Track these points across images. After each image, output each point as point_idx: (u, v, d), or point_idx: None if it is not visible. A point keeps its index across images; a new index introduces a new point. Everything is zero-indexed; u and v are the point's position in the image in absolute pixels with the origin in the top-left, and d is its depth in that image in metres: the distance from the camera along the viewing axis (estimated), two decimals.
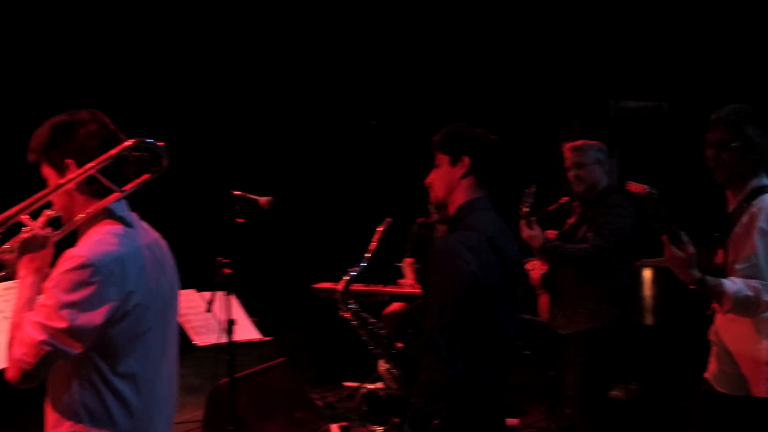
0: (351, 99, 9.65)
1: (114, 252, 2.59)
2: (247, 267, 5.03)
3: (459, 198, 3.16)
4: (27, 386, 2.57)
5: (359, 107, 9.81)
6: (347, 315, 3.59)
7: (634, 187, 4.14)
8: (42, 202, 2.66)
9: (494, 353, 3.06)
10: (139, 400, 2.68)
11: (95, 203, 2.69)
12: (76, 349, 2.54)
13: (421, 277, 3.23)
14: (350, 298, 3.60)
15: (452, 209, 3.18)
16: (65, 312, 2.51)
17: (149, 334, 2.69)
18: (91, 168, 2.63)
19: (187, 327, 4.89)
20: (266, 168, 9.04)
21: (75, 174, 2.64)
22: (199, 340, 4.96)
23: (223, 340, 4.83)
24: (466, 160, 3.16)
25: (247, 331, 5.17)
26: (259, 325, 5.27)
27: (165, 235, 2.91)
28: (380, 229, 3.71)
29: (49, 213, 2.80)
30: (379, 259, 3.78)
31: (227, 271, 4.65)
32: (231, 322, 4.70)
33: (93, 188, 2.68)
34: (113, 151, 2.63)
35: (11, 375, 2.55)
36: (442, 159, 3.22)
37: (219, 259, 4.66)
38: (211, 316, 5.01)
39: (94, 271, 2.52)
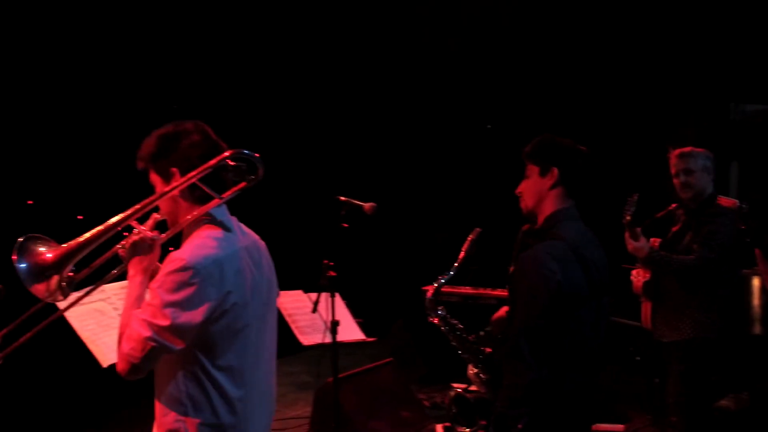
0: (465, 102, 9.72)
1: (212, 255, 2.78)
2: (356, 270, 5.20)
3: (547, 208, 3.25)
4: (134, 378, 2.78)
5: (474, 110, 9.88)
6: (436, 321, 3.71)
7: (725, 201, 4.10)
8: (149, 208, 2.87)
9: (579, 359, 3.12)
10: (238, 392, 2.86)
11: (197, 209, 2.89)
12: (177, 345, 2.74)
13: (509, 284, 3.31)
14: (439, 305, 3.72)
15: (541, 219, 3.26)
16: (168, 311, 2.71)
17: (246, 330, 2.87)
18: (193, 177, 2.84)
19: (294, 327, 5.11)
20: (382, 171, 9.21)
21: (179, 182, 2.85)
22: (305, 339, 5.17)
23: (328, 340, 5.03)
24: (555, 171, 3.24)
25: (351, 331, 5.35)
26: (367, 326, 5.45)
27: (274, 238, 3.09)
28: (470, 238, 3.81)
29: (156, 217, 3.00)
30: (468, 267, 3.88)
31: (332, 273, 4.83)
32: (335, 323, 4.88)
33: (195, 195, 2.89)
34: (213, 162, 2.83)
35: (121, 368, 2.77)
36: (532, 170, 3.31)
37: (325, 261, 4.84)
38: (317, 317, 5.21)
39: (194, 273, 2.72)
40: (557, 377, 3.05)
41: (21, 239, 2.80)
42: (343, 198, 4.80)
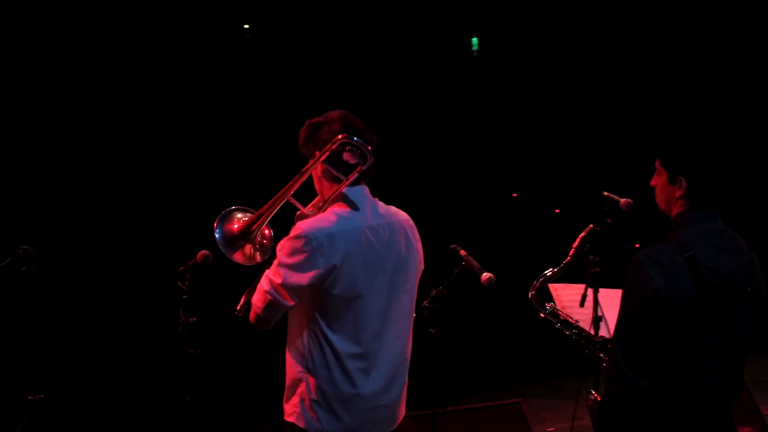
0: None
1: (327, 228, 3.19)
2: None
3: (675, 209, 3.02)
4: (261, 328, 3.30)
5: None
6: (546, 317, 3.59)
7: None
8: (296, 186, 3.35)
9: (695, 370, 2.89)
10: (354, 357, 3.23)
11: (335, 188, 3.30)
12: (288, 301, 3.19)
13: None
14: (546, 301, 3.59)
15: (672, 218, 3.05)
16: (281, 270, 3.19)
17: (360, 301, 3.22)
18: (316, 159, 3.29)
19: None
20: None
21: (308, 165, 3.32)
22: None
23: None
24: (684, 182, 2.98)
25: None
26: None
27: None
28: (582, 235, 3.60)
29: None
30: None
31: (596, 270, 4.79)
32: (599, 319, 4.83)
33: (332, 176, 3.32)
34: (329, 147, 3.26)
35: (251, 318, 3.31)
36: (661, 171, 3.05)
37: (591, 258, 4.82)
38: (588, 312, 5.17)
39: (306, 242, 3.16)
40: (668, 388, 2.87)
41: (216, 222, 3.39)
42: (606, 193, 4.74)
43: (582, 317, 5.19)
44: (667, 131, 3.05)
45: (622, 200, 4.64)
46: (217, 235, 3.36)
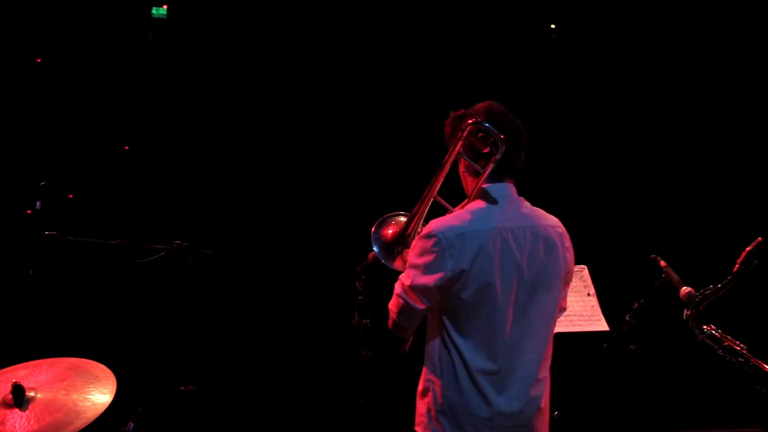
0: None
1: (458, 227, 2.96)
2: None
3: None
4: (399, 334, 3.12)
5: None
6: (704, 339, 3.40)
7: None
8: (438, 183, 3.12)
9: None
10: (485, 366, 2.98)
11: (475, 182, 3.10)
12: (418, 304, 2.99)
13: None
14: (704, 323, 3.38)
15: None
16: (411, 272, 3.00)
17: (491, 308, 2.97)
18: (452, 152, 3.09)
19: None
20: None
21: (446, 158, 3.11)
22: None
23: None
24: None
25: None
26: None
27: None
28: (748, 249, 3.38)
29: None
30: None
31: None
32: None
33: (473, 170, 3.12)
34: (460, 134, 3.08)
35: (389, 324, 3.12)
36: None
37: None
38: None
39: (436, 242, 2.95)
40: None
41: (373, 231, 3.25)
42: None
43: None
44: None
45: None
46: (374, 248, 3.23)
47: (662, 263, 3.95)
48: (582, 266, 4.38)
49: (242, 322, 6.58)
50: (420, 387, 3.11)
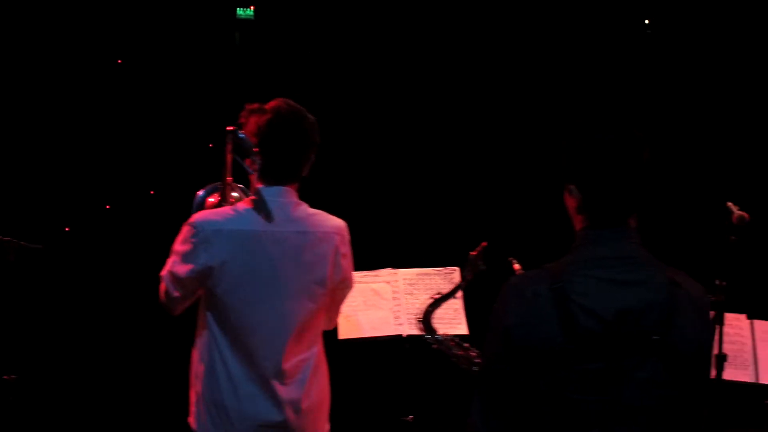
0: None
1: (217, 223, 2.96)
2: None
3: (576, 227, 2.28)
4: (170, 313, 3.10)
5: None
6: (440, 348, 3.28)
7: None
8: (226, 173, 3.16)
9: None
10: (235, 363, 2.97)
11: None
12: (172, 291, 2.99)
13: None
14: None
15: None
16: (171, 258, 3.02)
17: (246, 310, 2.96)
18: (226, 154, 3.09)
19: None
20: None
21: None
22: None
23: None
24: (576, 192, 2.26)
25: None
26: None
27: None
28: (472, 254, 3.33)
29: None
30: None
31: (720, 297, 3.96)
32: (722, 357, 4.00)
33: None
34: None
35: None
36: None
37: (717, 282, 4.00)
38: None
39: (195, 233, 2.96)
40: None
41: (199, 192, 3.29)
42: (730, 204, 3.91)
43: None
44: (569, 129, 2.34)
45: (736, 213, 3.79)
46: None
47: (516, 266, 3.77)
48: (453, 268, 4.25)
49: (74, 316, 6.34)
50: (191, 374, 3.12)
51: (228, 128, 3.06)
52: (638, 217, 2.26)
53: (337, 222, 3.15)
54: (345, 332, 3.86)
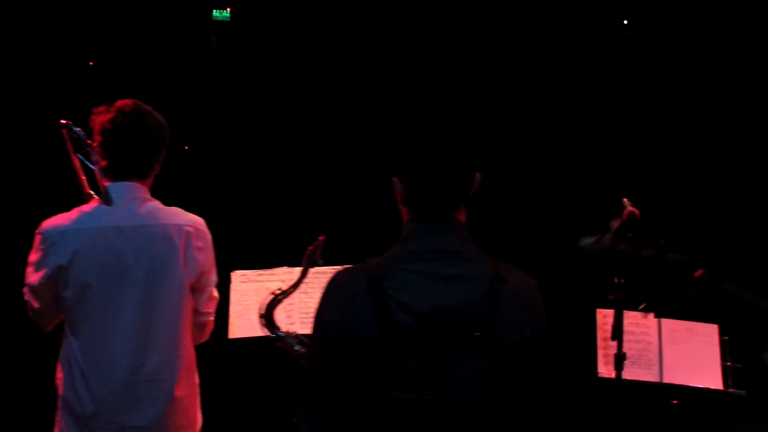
0: None
1: (62, 226, 2.98)
2: None
3: (403, 219, 2.29)
4: (40, 328, 3.12)
5: None
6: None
7: None
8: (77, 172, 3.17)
9: None
10: (87, 364, 2.95)
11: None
12: (33, 303, 3.01)
13: None
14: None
15: None
16: (27, 269, 3.03)
17: (92, 307, 2.94)
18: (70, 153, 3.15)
19: None
20: None
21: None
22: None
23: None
24: (398, 184, 2.23)
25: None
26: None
27: None
28: (310, 248, 3.34)
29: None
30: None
31: (620, 295, 3.92)
32: (622, 357, 3.95)
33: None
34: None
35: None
36: None
37: (616, 280, 3.95)
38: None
39: (42, 240, 2.99)
40: None
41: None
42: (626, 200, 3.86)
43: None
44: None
45: (628, 209, 3.73)
46: None
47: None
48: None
49: None
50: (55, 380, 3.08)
51: (61, 121, 3.08)
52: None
53: (190, 217, 3.12)
54: (235, 331, 3.82)
